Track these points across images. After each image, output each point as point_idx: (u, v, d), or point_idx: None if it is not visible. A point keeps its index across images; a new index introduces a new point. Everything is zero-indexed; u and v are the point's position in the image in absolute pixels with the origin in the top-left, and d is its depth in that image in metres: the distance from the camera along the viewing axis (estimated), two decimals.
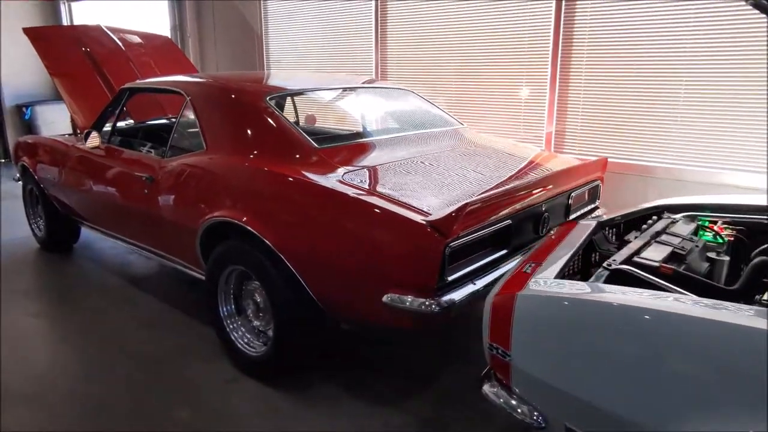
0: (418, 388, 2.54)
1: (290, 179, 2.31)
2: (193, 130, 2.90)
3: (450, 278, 2.03)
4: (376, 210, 2.05)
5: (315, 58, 5.42)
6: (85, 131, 4.25)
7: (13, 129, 8.32)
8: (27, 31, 4.62)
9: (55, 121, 8.49)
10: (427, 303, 1.94)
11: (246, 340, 2.63)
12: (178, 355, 2.82)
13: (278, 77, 3.44)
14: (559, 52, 3.72)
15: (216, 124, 2.76)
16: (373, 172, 2.41)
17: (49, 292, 3.72)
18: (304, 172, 2.34)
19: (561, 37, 3.69)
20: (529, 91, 3.94)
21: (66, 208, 4.01)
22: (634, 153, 3.56)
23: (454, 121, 3.38)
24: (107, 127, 3.65)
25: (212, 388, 2.55)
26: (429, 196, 2.20)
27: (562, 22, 3.67)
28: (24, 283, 3.86)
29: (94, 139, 3.42)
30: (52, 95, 8.84)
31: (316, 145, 2.53)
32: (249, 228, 2.33)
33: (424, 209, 2.05)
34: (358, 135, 2.83)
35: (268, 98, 2.74)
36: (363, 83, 3.54)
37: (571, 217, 2.81)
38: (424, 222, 1.95)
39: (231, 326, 2.68)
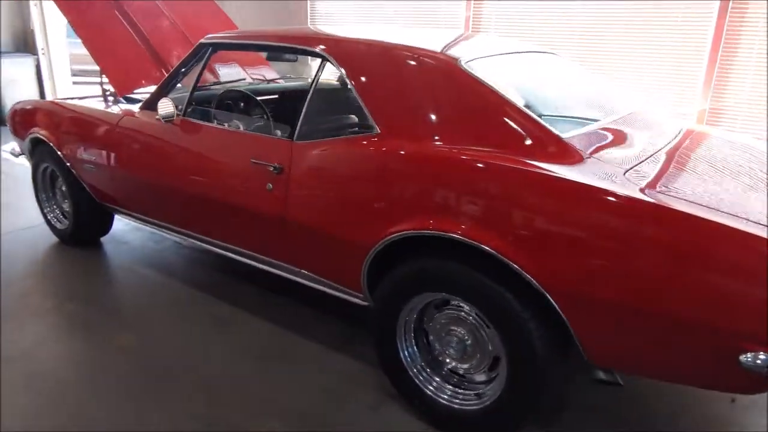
0: None
1: (565, 183, 1.61)
2: (344, 104, 2.13)
3: None
4: (736, 236, 1.42)
5: (379, 10, 4.57)
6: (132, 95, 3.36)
7: None
8: None
9: (18, 79, 7.20)
10: None
11: (450, 393, 1.97)
12: (325, 404, 2.12)
13: (415, 36, 2.58)
14: (728, 12, 3.11)
15: (394, 99, 2.01)
16: (654, 171, 1.76)
17: (102, 307, 2.83)
18: (571, 172, 1.66)
19: None
20: (680, 60, 3.33)
21: (105, 196, 3.13)
22: None
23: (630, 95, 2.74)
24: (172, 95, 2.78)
25: None
26: (754, 208, 1.59)
27: None
28: (63, 292, 2.98)
29: (167, 108, 2.57)
30: (15, 47, 7.50)
31: (556, 131, 1.84)
32: (498, 254, 1.65)
33: None
34: (580, 118, 2.15)
35: (465, 63, 2.00)
36: (515, 47, 2.80)
37: None
38: None
39: (421, 376, 1.99)
